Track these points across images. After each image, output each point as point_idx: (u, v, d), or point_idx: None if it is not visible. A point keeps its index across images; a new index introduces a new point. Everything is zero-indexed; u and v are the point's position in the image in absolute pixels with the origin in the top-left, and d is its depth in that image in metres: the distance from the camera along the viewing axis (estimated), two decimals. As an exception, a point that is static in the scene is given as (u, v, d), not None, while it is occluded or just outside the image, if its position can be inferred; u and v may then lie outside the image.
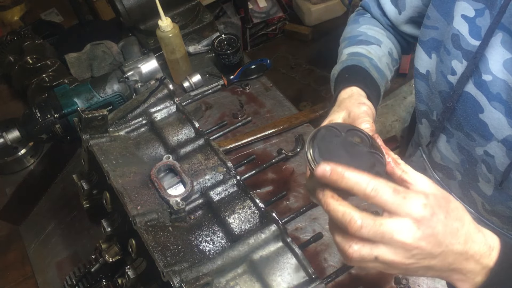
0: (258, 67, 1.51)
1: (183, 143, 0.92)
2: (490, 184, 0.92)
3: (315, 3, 3.40)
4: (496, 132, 0.83)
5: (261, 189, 1.25)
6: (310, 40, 3.40)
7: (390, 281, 1.04)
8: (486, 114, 0.83)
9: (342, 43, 1.05)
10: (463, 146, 0.93)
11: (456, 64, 0.85)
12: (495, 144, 0.84)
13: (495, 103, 0.80)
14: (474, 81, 0.83)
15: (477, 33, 0.80)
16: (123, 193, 0.78)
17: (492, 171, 0.89)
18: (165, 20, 1.35)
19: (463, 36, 0.82)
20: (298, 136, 1.33)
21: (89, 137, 0.87)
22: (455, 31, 0.83)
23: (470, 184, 0.98)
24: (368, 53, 0.97)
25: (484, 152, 0.88)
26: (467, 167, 0.96)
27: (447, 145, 0.98)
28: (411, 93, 2.85)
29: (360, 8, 1.14)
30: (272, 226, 0.74)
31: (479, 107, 0.83)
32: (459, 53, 0.84)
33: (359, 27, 1.05)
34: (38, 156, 1.46)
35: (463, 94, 0.85)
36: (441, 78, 0.90)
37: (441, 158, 1.03)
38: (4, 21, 2.97)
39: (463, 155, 0.95)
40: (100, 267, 1.02)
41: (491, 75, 0.79)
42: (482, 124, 0.84)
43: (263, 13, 3.28)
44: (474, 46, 0.81)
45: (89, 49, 1.64)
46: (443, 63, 0.89)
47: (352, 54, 0.97)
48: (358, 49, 0.98)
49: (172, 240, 0.74)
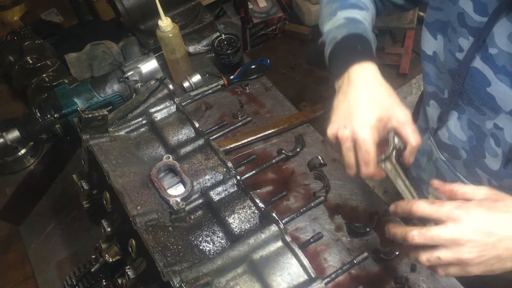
0: (258, 67, 1.51)
1: (183, 143, 0.92)
2: (497, 158, 0.94)
3: (315, 3, 3.39)
4: (504, 104, 0.85)
5: (261, 189, 1.25)
6: (310, 40, 3.40)
7: (390, 281, 1.04)
8: (493, 87, 0.85)
9: (333, 3, 0.96)
10: (474, 121, 0.95)
11: (462, 41, 0.87)
12: (503, 116, 0.86)
13: (501, 75, 0.82)
14: (481, 56, 0.84)
15: (482, 10, 0.81)
16: (123, 193, 0.78)
17: (500, 144, 0.91)
18: (165, 20, 1.35)
19: (467, 14, 0.83)
20: (298, 136, 1.33)
21: (89, 137, 0.87)
22: (460, 9, 0.85)
23: (476, 161, 1.00)
24: (364, 20, 0.92)
25: (494, 125, 0.90)
26: (474, 143, 0.97)
27: (457, 122, 0.99)
28: (411, 93, 2.86)
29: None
30: (272, 226, 0.74)
31: (486, 81, 0.85)
32: (464, 30, 0.85)
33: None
34: (38, 156, 1.46)
35: (471, 70, 0.87)
36: (450, 56, 0.91)
37: (449, 137, 1.04)
38: (4, 21, 2.97)
39: (471, 131, 0.97)
40: (100, 267, 1.02)
41: (496, 48, 0.81)
42: (490, 97, 0.86)
43: (263, 13, 3.28)
44: (479, 22, 0.82)
45: (89, 49, 1.64)
46: (450, 41, 0.90)
47: (351, 20, 0.90)
48: (355, 14, 0.92)
49: (172, 240, 0.74)
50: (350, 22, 0.90)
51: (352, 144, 0.77)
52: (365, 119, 0.77)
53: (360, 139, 0.76)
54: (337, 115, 0.81)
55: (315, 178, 1.25)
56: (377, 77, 0.81)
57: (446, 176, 1.11)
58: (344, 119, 0.79)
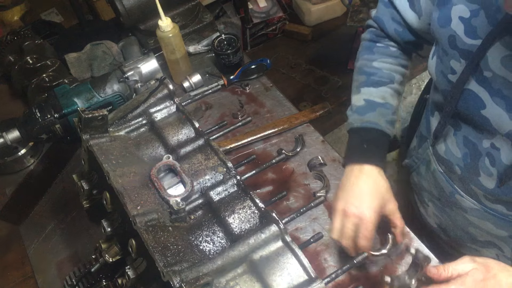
0: (258, 67, 1.51)
1: (183, 143, 0.92)
2: (492, 178, 0.94)
3: (315, 3, 3.39)
4: (499, 127, 0.85)
5: (261, 189, 1.24)
6: (310, 40, 3.40)
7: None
8: (488, 109, 0.85)
9: (359, 76, 1.11)
10: (470, 139, 0.95)
11: (454, 63, 0.89)
12: (500, 137, 0.87)
13: (496, 98, 0.83)
14: (476, 78, 0.85)
15: (472, 33, 0.83)
16: (123, 193, 0.78)
17: (495, 164, 0.91)
18: (165, 20, 1.35)
19: (458, 37, 0.86)
20: (298, 136, 1.33)
21: (89, 137, 0.87)
22: (451, 32, 0.87)
23: (470, 178, 1.00)
24: (383, 98, 1.06)
25: (491, 145, 0.90)
26: (469, 161, 0.98)
27: (453, 138, 1.00)
28: (411, 93, 2.86)
29: (371, 26, 1.15)
30: (272, 226, 0.74)
31: (481, 103, 0.86)
32: (455, 52, 0.87)
33: (374, 62, 1.10)
34: (38, 156, 1.46)
35: (465, 92, 0.88)
36: (442, 77, 0.93)
37: (445, 151, 1.05)
38: (4, 21, 2.96)
39: (467, 149, 0.97)
40: (100, 267, 1.02)
41: (491, 71, 0.82)
42: (485, 120, 0.87)
43: (263, 13, 3.28)
44: (470, 45, 0.84)
45: (89, 49, 1.64)
46: (442, 63, 0.92)
47: (368, 105, 1.06)
48: (374, 96, 1.06)
49: (172, 240, 0.74)
50: (368, 107, 1.05)
51: (357, 221, 0.92)
52: (371, 205, 0.93)
53: (367, 219, 0.92)
54: (347, 195, 0.96)
55: (315, 178, 1.25)
56: (382, 175, 0.99)
57: (444, 187, 1.10)
58: (352, 199, 0.95)
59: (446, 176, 1.09)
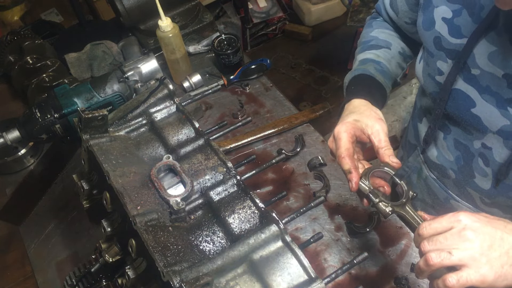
0: (258, 67, 1.51)
1: (183, 143, 0.92)
2: (487, 178, 0.93)
3: (315, 3, 3.40)
4: (490, 124, 0.85)
5: (261, 189, 1.25)
6: (310, 40, 3.40)
7: (390, 281, 1.04)
8: (478, 108, 0.85)
9: (357, 48, 1.13)
10: (460, 141, 0.95)
11: (441, 64, 0.89)
12: (491, 136, 0.87)
13: (486, 95, 0.83)
14: (464, 77, 0.85)
15: (456, 32, 0.84)
16: (123, 193, 0.77)
17: (489, 164, 0.91)
18: (165, 20, 1.35)
19: (443, 37, 0.87)
20: (298, 136, 1.33)
21: (89, 137, 0.87)
22: (436, 33, 0.88)
23: (465, 181, 1.00)
24: (377, 57, 1.05)
25: (482, 145, 0.90)
26: (462, 164, 0.97)
27: (444, 142, 1.00)
28: (411, 93, 2.86)
29: (374, 11, 1.20)
30: (272, 226, 0.74)
31: (471, 102, 0.86)
32: (442, 53, 0.88)
33: (371, 31, 1.12)
34: (38, 156, 1.46)
35: (453, 92, 0.88)
36: (430, 80, 0.94)
37: (437, 156, 1.04)
38: (4, 21, 2.97)
39: (458, 151, 0.97)
40: (100, 267, 1.02)
41: (478, 69, 0.82)
42: (475, 118, 0.87)
43: (263, 13, 3.28)
44: (455, 44, 0.85)
45: (89, 49, 1.64)
46: (429, 66, 0.93)
47: (361, 62, 1.05)
48: (368, 54, 1.06)
49: (172, 240, 0.74)
50: (359, 65, 1.05)
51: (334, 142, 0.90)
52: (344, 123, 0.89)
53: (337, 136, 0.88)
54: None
55: (315, 178, 1.25)
56: (368, 104, 0.95)
57: (437, 194, 1.10)
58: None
59: (439, 182, 1.09)
